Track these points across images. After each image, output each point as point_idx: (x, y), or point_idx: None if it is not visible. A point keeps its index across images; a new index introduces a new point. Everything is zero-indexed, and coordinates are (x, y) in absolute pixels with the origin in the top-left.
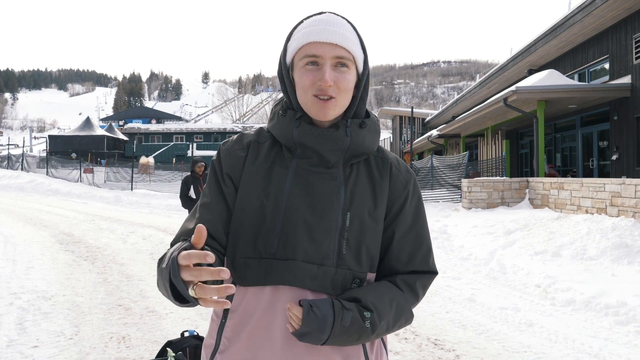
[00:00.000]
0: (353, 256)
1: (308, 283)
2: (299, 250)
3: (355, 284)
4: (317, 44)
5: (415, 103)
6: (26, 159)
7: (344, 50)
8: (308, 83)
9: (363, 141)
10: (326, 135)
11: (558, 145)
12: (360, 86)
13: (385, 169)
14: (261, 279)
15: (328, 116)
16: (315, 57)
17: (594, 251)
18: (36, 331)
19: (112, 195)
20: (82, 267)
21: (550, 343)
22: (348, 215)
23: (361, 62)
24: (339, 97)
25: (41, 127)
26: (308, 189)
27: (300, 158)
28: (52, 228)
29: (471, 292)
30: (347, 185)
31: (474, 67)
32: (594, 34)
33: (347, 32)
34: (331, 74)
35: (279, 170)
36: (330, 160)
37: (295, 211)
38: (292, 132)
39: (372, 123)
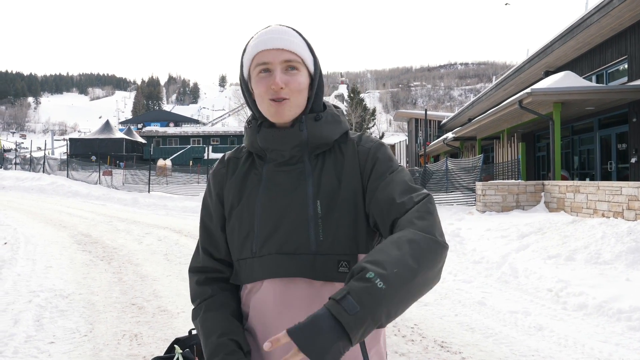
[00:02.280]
0: (332, 240)
1: (283, 273)
2: (273, 245)
3: (343, 267)
4: (266, 52)
5: (432, 105)
6: (48, 161)
7: (291, 54)
8: (263, 89)
9: (320, 132)
10: (282, 133)
11: (575, 148)
12: (314, 86)
13: (348, 148)
14: (249, 276)
15: (285, 117)
16: (265, 64)
17: (608, 255)
18: (53, 328)
19: (129, 197)
20: (98, 267)
21: (560, 347)
22: (318, 203)
23: (311, 64)
24: (293, 97)
25: (63, 131)
26: (277, 187)
27: (269, 162)
28: (71, 229)
29: (482, 296)
30: (313, 175)
31: (492, 68)
32: (612, 35)
33: (293, 37)
34: (282, 77)
35: (253, 178)
36: (295, 156)
37: (267, 210)
38: (256, 138)
39: (329, 114)
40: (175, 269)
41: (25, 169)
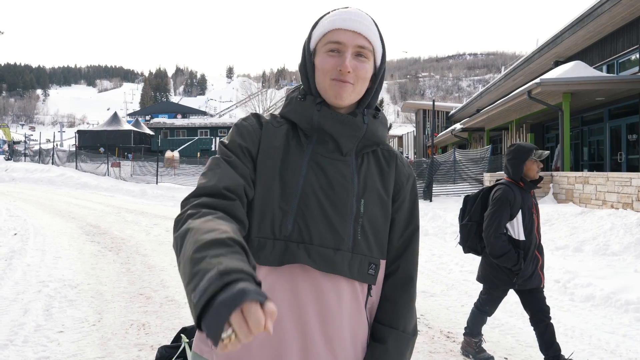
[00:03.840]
0: (367, 242)
1: (323, 266)
2: (315, 234)
3: (371, 270)
4: (342, 31)
5: (440, 96)
6: (57, 153)
7: (366, 41)
8: (328, 67)
9: (376, 131)
10: (345, 120)
11: (585, 139)
12: (376, 79)
13: (392, 160)
14: (275, 259)
15: (344, 99)
16: (338, 43)
17: (616, 247)
18: (62, 317)
19: (137, 189)
20: (106, 257)
21: (566, 338)
22: (362, 202)
23: (379, 56)
24: (357, 84)
25: (71, 123)
26: (324, 174)
27: (317, 144)
28: (80, 220)
29: None
30: (359, 172)
31: (501, 59)
32: (623, 24)
33: (370, 24)
34: (351, 61)
35: (295, 154)
36: (346, 147)
37: (311, 195)
38: (313, 115)
39: (383, 116)
40: None
41: (34, 161)
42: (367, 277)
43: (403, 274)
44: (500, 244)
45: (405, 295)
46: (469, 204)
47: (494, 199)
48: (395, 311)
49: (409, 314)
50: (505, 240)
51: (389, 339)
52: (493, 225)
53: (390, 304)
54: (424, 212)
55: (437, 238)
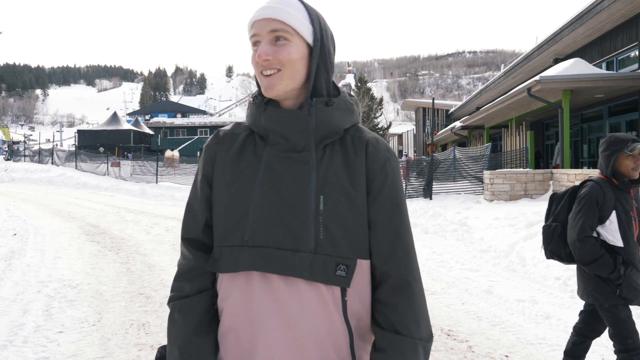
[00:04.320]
0: (332, 241)
1: (279, 269)
2: (271, 238)
3: (341, 271)
4: (255, 23)
5: (440, 94)
6: (56, 153)
7: (279, 23)
8: (254, 62)
9: (331, 119)
10: (288, 115)
11: (585, 136)
12: (313, 59)
13: (361, 147)
14: (232, 266)
15: (275, 90)
16: (255, 35)
17: None
18: (62, 317)
19: (137, 188)
20: (106, 257)
21: (566, 335)
22: (321, 199)
23: (309, 35)
24: (284, 69)
25: (71, 122)
26: (279, 175)
27: (272, 145)
28: (80, 220)
29: (489, 284)
30: (319, 167)
31: (500, 56)
32: (622, 21)
33: (285, 6)
34: (267, 48)
35: (251, 159)
36: (299, 144)
37: (266, 199)
38: (260, 117)
39: (342, 101)
40: None
41: (34, 161)
42: (335, 279)
43: (397, 278)
44: (589, 249)
45: (405, 299)
46: (554, 203)
47: (579, 197)
48: (398, 316)
49: (417, 317)
50: (594, 244)
51: (391, 345)
52: (576, 226)
53: (391, 310)
54: (424, 210)
55: (437, 236)
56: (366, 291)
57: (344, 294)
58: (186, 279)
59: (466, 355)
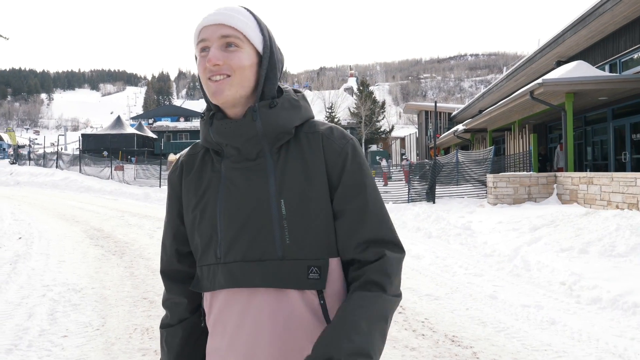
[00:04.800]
0: (300, 244)
1: (249, 282)
2: (239, 252)
3: (313, 273)
4: (205, 29)
5: (442, 97)
6: (61, 157)
7: (230, 29)
8: (201, 68)
9: (276, 121)
10: (235, 124)
11: (589, 139)
12: (263, 66)
13: (316, 142)
14: (210, 284)
15: (223, 96)
16: (204, 41)
17: (623, 248)
18: (66, 322)
19: (141, 192)
20: (110, 261)
21: (573, 342)
22: (282, 203)
23: (259, 43)
24: (234, 75)
25: (75, 126)
26: (239, 187)
27: (227, 157)
28: (84, 224)
29: (493, 289)
30: (276, 172)
31: (503, 59)
32: (625, 23)
33: (235, 13)
34: (217, 53)
35: (211, 176)
36: (252, 151)
37: (230, 213)
38: (209, 131)
39: (285, 100)
40: None
41: (38, 165)
42: (308, 283)
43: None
44: None
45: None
46: None
47: None
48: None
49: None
50: None
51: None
52: None
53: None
54: (427, 214)
55: (440, 240)
56: (343, 288)
57: (320, 296)
58: (167, 307)
59: None
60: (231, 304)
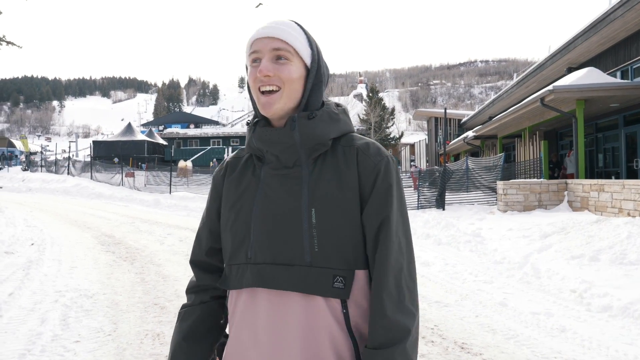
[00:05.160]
0: (327, 254)
1: (277, 284)
2: (269, 254)
3: (338, 283)
4: (257, 41)
5: (452, 104)
6: (72, 164)
7: (281, 42)
8: (252, 78)
9: (314, 132)
10: (275, 133)
11: (600, 146)
12: (309, 79)
13: (351, 156)
14: (237, 283)
15: (273, 109)
16: (256, 52)
17: (634, 256)
18: (78, 327)
19: (151, 199)
20: (121, 267)
21: (583, 349)
22: (313, 212)
23: (307, 56)
24: (284, 87)
25: (86, 133)
26: (275, 192)
27: (267, 164)
28: (95, 230)
29: (503, 297)
30: (310, 181)
31: (513, 65)
32: (636, 29)
33: (286, 27)
34: (269, 65)
35: (251, 180)
36: (289, 160)
37: (264, 217)
38: (252, 139)
39: (325, 112)
40: None
41: (50, 171)
42: (332, 291)
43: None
44: None
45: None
46: None
47: None
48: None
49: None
50: None
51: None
52: None
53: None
54: (437, 220)
55: (450, 247)
56: (367, 301)
57: (344, 305)
58: (191, 292)
59: None
60: (257, 302)
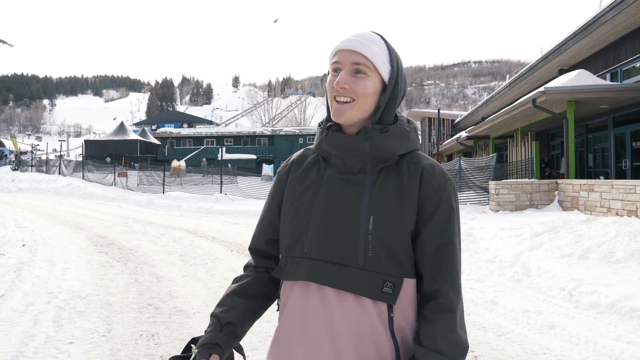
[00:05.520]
0: (380, 259)
1: (330, 282)
2: (325, 252)
3: (387, 288)
4: (340, 52)
5: (445, 104)
6: (63, 163)
7: (362, 57)
8: (329, 86)
9: (384, 145)
10: (348, 140)
11: (590, 146)
12: (386, 95)
13: (415, 173)
14: (291, 274)
15: (343, 117)
16: (337, 63)
17: (621, 254)
18: (72, 328)
19: (144, 199)
20: (115, 268)
21: (571, 345)
22: (371, 219)
23: (386, 72)
24: (358, 100)
25: (78, 132)
26: (336, 195)
27: (332, 166)
28: (88, 230)
29: (494, 295)
30: (372, 190)
31: (506, 66)
32: (626, 33)
33: (370, 42)
34: (346, 78)
35: (314, 179)
36: (355, 166)
37: (323, 216)
38: (323, 141)
39: (397, 129)
40: (190, 269)
41: (41, 171)
42: (381, 295)
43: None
44: None
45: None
46: None
47: None
48: (432, 332)
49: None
50: None
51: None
52: None
53: (430, 326)
54: None
55: None
56: (411, 309)
57: (390, 309)
58: (245, 268)
59: None
60: (309, 296)
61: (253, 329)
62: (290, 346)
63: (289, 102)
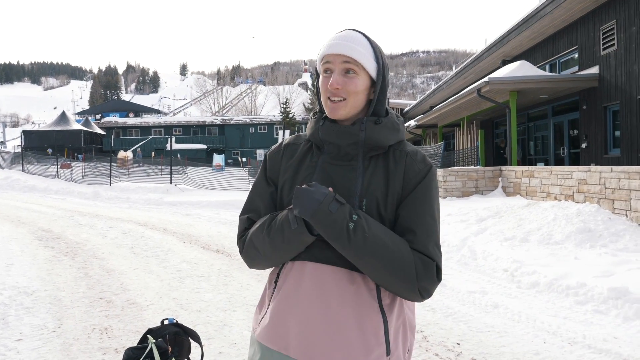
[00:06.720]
0: None
1: (326, 259)
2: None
3: None
4: (330, 56)
5: (395, 93)
6: (1, 155)
7: (351, 59)
8: (323, 87)
9: (377, 136)
10: (344, 130)
11: (531, 134)
12: (375, 90)
13: (401, 159)
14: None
15: (338, 115)
16: (328, 63)
17: (559, 236)
18: (19, 325)
19: (90, 191)
20: (62, 262)
21: (513, 323)
22: (364, 201)
23: (373, 70)
24: (350, 98)
25: (15, 122)
26: (330, 179)
27: (326, 154)
28: (31, 225)
29: (443, 278)
30: (364, 175)
31: (453, 56)
32: (563, 26)
33: (356, 44)
34: (339, 79)
35: (308, 165)
36: (350, 153)
37: None
38: (319, 130)
39: (389, 121)
40: (141, 262)
41: None
42: None
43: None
44: None
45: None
46: None
47: None
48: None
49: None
50: None
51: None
52: None
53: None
54: None
55: None
56: None
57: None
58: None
59: (421, 345)
60: (304, 273)
61: (209, 318)
62: (285, 323)
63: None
